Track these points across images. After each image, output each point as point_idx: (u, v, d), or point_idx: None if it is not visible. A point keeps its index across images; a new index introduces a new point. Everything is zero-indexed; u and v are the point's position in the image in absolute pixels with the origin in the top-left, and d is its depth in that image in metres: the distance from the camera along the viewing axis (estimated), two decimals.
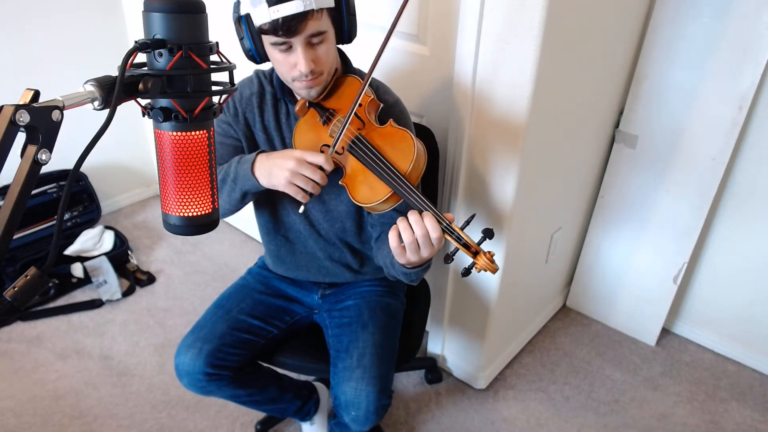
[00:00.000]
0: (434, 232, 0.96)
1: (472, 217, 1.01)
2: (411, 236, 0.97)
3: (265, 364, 1.40)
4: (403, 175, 1.02)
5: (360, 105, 1.09)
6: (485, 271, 0.97)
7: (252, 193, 1.15)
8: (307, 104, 1.15)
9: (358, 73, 1.21)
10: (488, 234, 0.97)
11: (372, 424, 1.21)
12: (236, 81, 1.00)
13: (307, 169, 1.04)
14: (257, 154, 1.11)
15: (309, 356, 1.38)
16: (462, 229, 0.98)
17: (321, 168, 1.05)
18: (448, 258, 0.99)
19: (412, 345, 1.44)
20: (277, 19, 0.97)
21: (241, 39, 1.07)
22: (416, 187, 1.03)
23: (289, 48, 1.03)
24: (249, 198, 1.18)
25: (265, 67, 1.20)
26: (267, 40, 1.03)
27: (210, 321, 1.30)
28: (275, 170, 1.06)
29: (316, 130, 1.14)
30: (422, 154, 1.06)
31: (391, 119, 1.11)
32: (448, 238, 0.98)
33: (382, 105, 1.16)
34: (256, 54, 1.07)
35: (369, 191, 1.04)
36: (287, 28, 0.98)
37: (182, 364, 1.23)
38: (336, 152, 1.09)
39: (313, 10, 0.98)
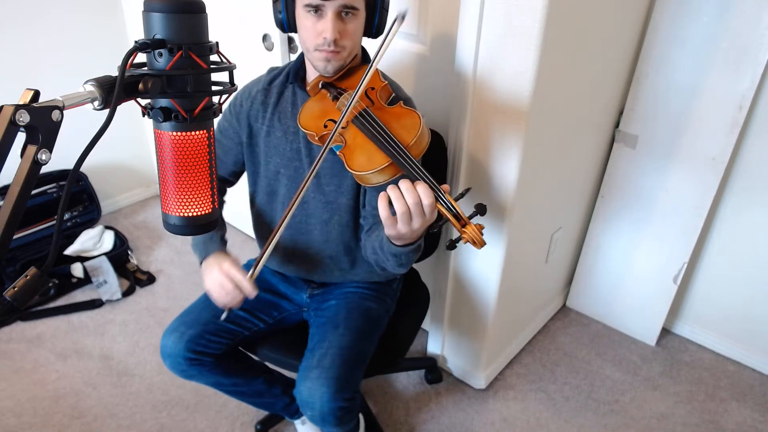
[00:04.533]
0: (426, 198, 0.94)
1: (467, 190, 0.99)
2: (404, 206, 0.94)
3: (257, 358, 1.40)
4: (404, 147, 1.00)
5: (373, 88, 1.11)
6: (471, 243, 0.94)
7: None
8: (320, 85, 1.17)
9: None
10: (480, 210, 0.95)
11: (331, 425, 1.20)
12: (236, 81, 1.00)
13: (229, 283, 1.15)
14: (216, 252, 1.24)
15: (290, 352, 1.37)
16: (455, 200, 0.97)
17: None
18: (434, 226, 0.97)
19: (399, 348, 1.42)
20: None
21: (274, 2, 1.12)
22: (417, 161, 1.01)
23: (320, 16, 1.07)
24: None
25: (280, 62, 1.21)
26: (301, 1, 1.07)
27: (197, 308, 1.32)
28: (206, 274, 1.20)
29: (324, 107, 1.15)
30: (427, 133, 1.05)
31: (401, 101, 1.13)
32: (440, 207, 0.96)
33: (394, 94, 1.19)
34: (286, 21, 1.12)
35: (366, 160, 1.02)
36: None
37: (165, 346, 1.27)
38: (341, 126, 1.08)
39: None
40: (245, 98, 1.28)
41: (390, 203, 0.96)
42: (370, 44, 1.30)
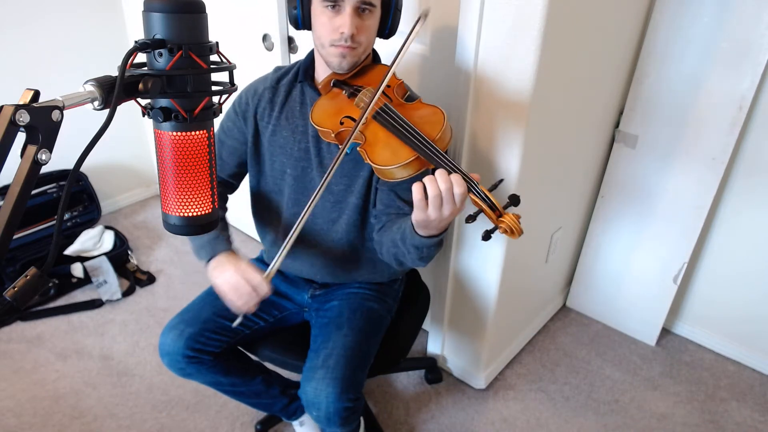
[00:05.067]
0: (458, 187, 0.94)
1: (500, 181, 1.00)
2: (436, 189, 0.95)
3: (255, 358, 1.40)
4: (431, 141, 1.00)
5: (389, 86, 1.11)
6: (509, 233, 0.94)
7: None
8: (332, 83, 1.17)
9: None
10: (514, 200, 0.96)
11: (337, 426, 1.20)
12: (236, 81, 1.00)
13: (246, 286, 1.13)
14: (225, 251, 1.21)
15: (290, 352, 1.37)
16: (489, 191, 0.97)
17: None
18: (470, 218, 0.96)
19: (401, 348, 1.42)
20: None
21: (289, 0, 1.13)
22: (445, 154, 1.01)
23: (338, 11, 1.08)
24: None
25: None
26: None
27: (197, 305, 1.32)
28: (218, 274, 1.18)
29: (338, 104, 1.14)
30: (450, 128, 1.06)
31: (420, 98, 1.13)
32: (473, 197, 0.96)
33: (409, 92, 1.19)
34: (300, 17, 1.13)
35: (390, 154, 1.02)
36: None
37: (164, 344, 1.26)
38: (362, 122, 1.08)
39: None
40: (251, 96, 1.26)
41: (424, 189, 0.97)
42: (381, 45, 1.31)
